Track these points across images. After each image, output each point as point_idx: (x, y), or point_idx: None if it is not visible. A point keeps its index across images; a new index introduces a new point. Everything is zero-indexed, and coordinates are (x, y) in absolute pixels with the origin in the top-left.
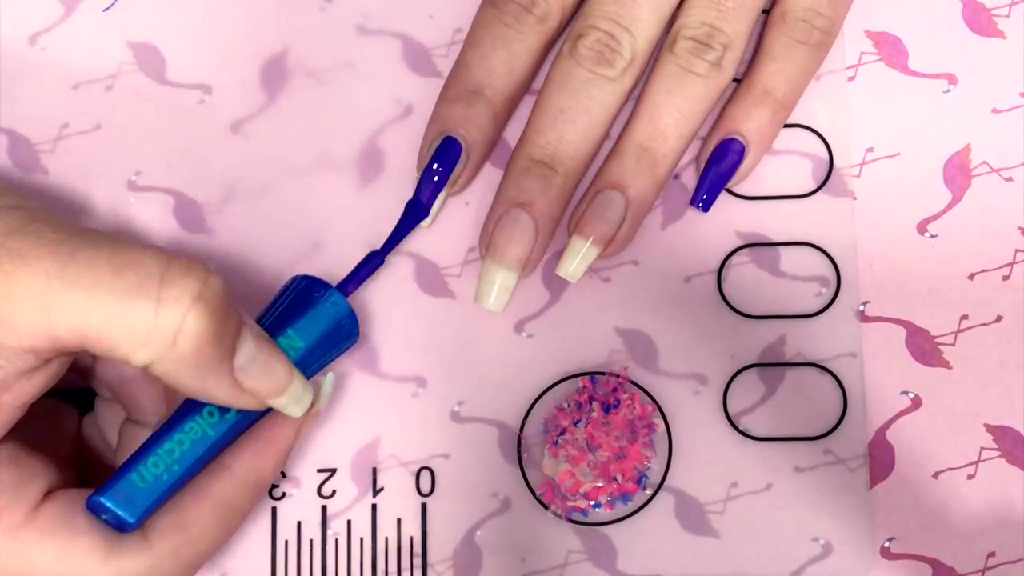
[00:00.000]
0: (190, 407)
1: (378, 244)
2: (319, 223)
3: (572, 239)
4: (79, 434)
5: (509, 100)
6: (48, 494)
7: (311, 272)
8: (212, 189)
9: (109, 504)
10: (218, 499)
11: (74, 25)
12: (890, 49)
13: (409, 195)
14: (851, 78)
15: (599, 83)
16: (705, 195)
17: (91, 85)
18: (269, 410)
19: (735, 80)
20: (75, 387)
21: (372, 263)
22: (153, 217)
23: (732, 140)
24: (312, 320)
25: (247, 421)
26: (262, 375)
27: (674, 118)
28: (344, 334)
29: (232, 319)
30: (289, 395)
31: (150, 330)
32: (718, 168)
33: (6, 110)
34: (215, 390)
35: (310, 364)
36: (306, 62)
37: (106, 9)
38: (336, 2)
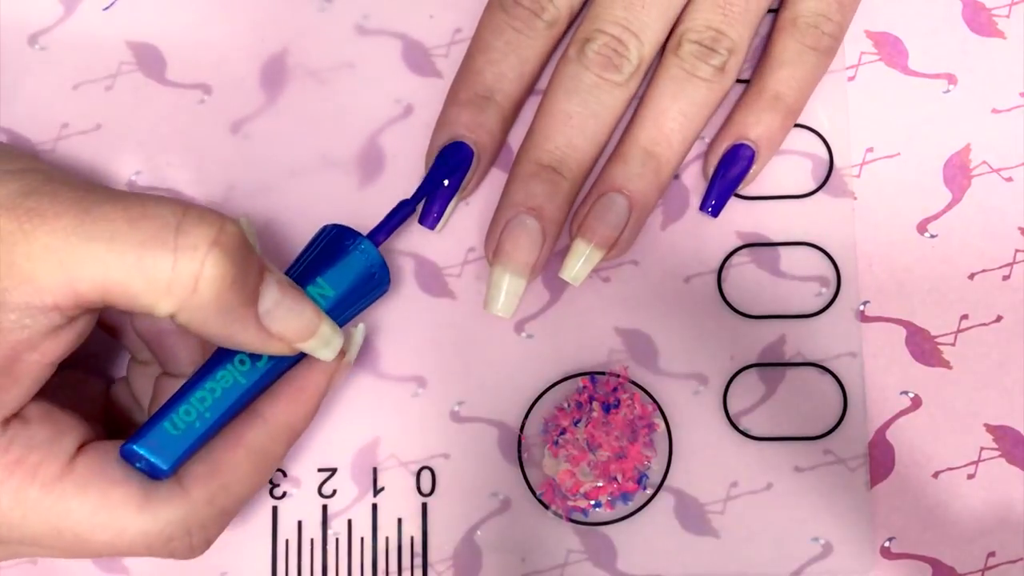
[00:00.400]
0: (221, 355)
1: None
2: (319, 223)
3: (575, 242)
4: (107, 402)
5: (517, 104)
6: (81, 447)
7: None
8: (212, 189)
9: (142, 451)
10: (251, 446)
11: (74, 25)
12: (890, 49)
13: (409, 195)
14: (851, 78)
15: (607, 88)
16: (715, 201)
17: (91, 85)
18: (301, 358)
19: (738, 81)
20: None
21: (402, 211)
22: None
23: (742, 146)
24: (342, 269)
25: (279, 369)
26: (288, 318)
27: (678, 122)
28: (375, 283)
29: (252, 264)
30: (318, 338)
31: (170, 279)
32: (728, 174)
33: (6, 110)
34: (241, 336)
35: (341, 313)
36: (306, 62)
37: (106, 9)
38: (336, 2)
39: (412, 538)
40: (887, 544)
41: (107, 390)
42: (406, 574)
